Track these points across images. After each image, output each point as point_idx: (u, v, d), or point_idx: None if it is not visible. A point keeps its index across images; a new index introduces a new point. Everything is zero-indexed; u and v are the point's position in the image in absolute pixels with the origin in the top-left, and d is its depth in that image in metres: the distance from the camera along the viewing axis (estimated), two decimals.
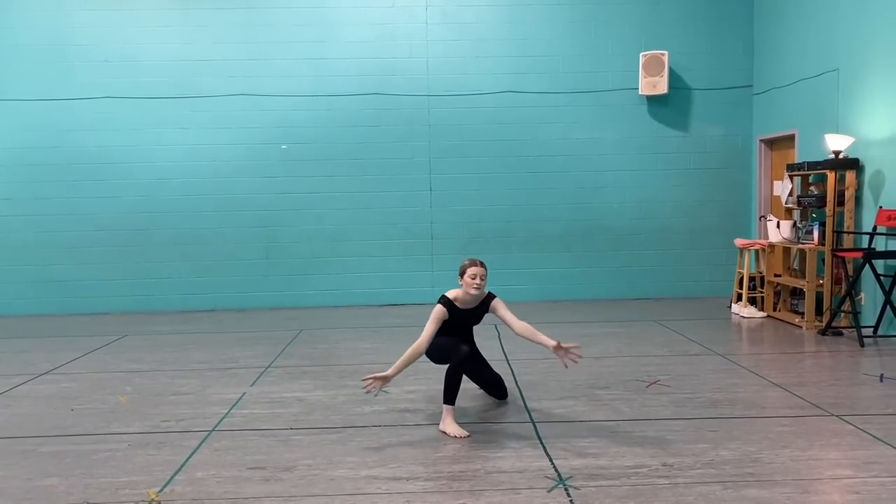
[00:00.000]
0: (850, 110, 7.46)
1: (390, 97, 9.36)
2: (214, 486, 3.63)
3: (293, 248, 9.43)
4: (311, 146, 9.35)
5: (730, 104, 9.51)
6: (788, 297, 8.19)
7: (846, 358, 6.19)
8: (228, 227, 9.36)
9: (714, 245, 9.50)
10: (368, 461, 3.93)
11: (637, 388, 5.33)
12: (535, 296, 9.57)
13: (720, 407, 4.81)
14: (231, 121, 9.28)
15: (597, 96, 9.49)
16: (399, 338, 7.32)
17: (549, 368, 5.93)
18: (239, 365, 6.28)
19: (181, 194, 9.32)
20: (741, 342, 7.13)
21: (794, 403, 4.87)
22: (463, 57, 9.41)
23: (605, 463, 3.85)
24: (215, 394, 5.36)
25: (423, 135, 9.46)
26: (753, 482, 3.56)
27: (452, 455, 4.01)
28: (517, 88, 9.48)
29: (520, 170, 9.57)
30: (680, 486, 3.52)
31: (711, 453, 3.96)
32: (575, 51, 9.43)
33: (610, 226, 9.60)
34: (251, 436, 4.40)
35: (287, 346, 7.01)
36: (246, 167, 9.33)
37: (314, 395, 5.29)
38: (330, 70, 9.30)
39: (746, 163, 9.56)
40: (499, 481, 3.63)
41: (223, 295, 9.40)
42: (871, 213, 7.13)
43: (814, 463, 3.81)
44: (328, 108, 9.31)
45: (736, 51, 9.48)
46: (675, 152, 9.49)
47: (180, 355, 6.74)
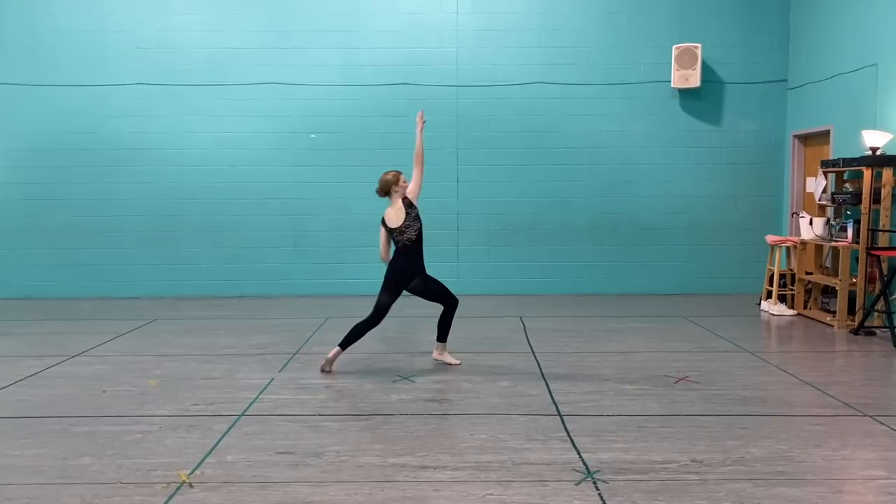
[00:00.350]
0: (889, 106, 7.30)
1: (419, 87, 9.34)
2: (244, 469, 3.67)
3: (321, 236, 9.47)
4: (339, 135, 9.37)
5: (763, 98, 9.36)
6: (820, 295, 8.07)
7: (879, 358, 6.09)
8: (257, 214, 9.43)
9: (745, 241, 9.38)
10: (396, 449, 3.94)
11: (665, 383, 5.29)
12: (563, 289, 9.52)
13: (750, 404, 4.76)
14: (261, 109, 9.33)
15: (628, 88, 9.40)
16: (424, 326, 7.34)
17: (576, 362, 5.91)
18: (267, 351, 6.34)
19: (211, 181, 9.40)
20: (771, 340, 7.04)
21: (826, 402, 4.80)
22: (492, 47, 9.37)
23: (634, 457, 3.83)
24: (244, 379, 5.41)
25: (451, 125, 9.44)
26: (784, 480, 3.52)
27: (480, 445, 4.01)
28: (547, 79, 9.42)
29: (548, 162, 9.51)
30: (710, 483, 3.49)
31: (742, 450, 3.92)
32: (606, 42, 9.34)
33: (639, 220, 9.52)
34: (280, 421, 4.44)
35: (314, 334, 7.06)
36: (275, 156, 9.38)
37: (341, 382, 5.32)
38: (360, 59, 9.30)
39: (779, 158, 9.42)
40: (526, 473, 3.63)
41: (251, 282, 9.48)
42: None
43: (847, 463, 3.76)
44: (357, 98, 9.33)
45: (771, 44, 9.32)
46: (706, 147, 9.38)
47: (209, 340, 6.82)
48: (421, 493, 3.39)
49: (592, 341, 6.74)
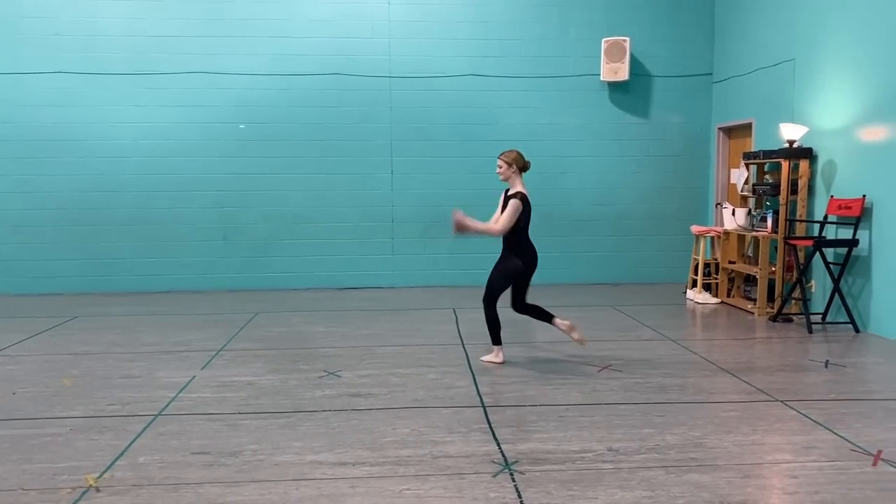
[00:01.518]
0: (805, 100, 7.56)
1: (351, 78, 9.24)
2: (156, 471, 3.58)
3: (251, 229, 9.30)
4: (269, 126, 9.20)
5: (690, 92, 9.58)
6: (742, 283, 8.33)
7: (794, 344, 6.32)
8: (185, 207, 9.20)
9: (671, 231, 9.60)
10: (315, 446, 3.90)
11: (589, 372, 5.37)
12: None
13: (668, 392, 4.88)
14: (188, 99, 9.09)
15: (559, 81, 9.49)
16: (356, 321, 7.31)
17: (505, 352, 5.94)
18: (191, 348, 6.19)
19: (137, 173, 9.12)
20: (694, 328, 7.23)
21: (741, 389, 4.95)
22: (426, 39, 9.33)
23: (552, 448, 3.87)
24: (164, 377, 5.28)
25: (385, 117, 9.38)
26: (696, 467, 3.61)
27: (401, 440, 4.00)
28: (480, 72, 9.44)
29: (483, 154, 9.49)
30: (624, 471, 3.56)
31: (657, 438, 4.01)
32: (537, 35, 9.41)
33: (570, 211, 9.64)
34: (198, 420, 4.34)
35: (241, 329, 6.93)
36: (203, 146, 9.16)
37: (265, 378, 5.23)
38: (290, 49, 9.15)
39: (705, 150, 9.66)
40: (445, 466, 3.64)
41: (180, 276, 9.26)
42: (823, 202, 7.25)
43: (756, 448, 3.88)
44: (288, 88, 9.17)
45: (697, 39, 9.54)
46: (635, 139, 9.55)
47: (131, 337, 6.63)
48: (337, 490, 3.36)
49: (522, 331, 6.79)
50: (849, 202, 6.74)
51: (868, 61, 6.62)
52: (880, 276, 6.51)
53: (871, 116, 6.60)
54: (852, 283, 6.88)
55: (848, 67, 6.90)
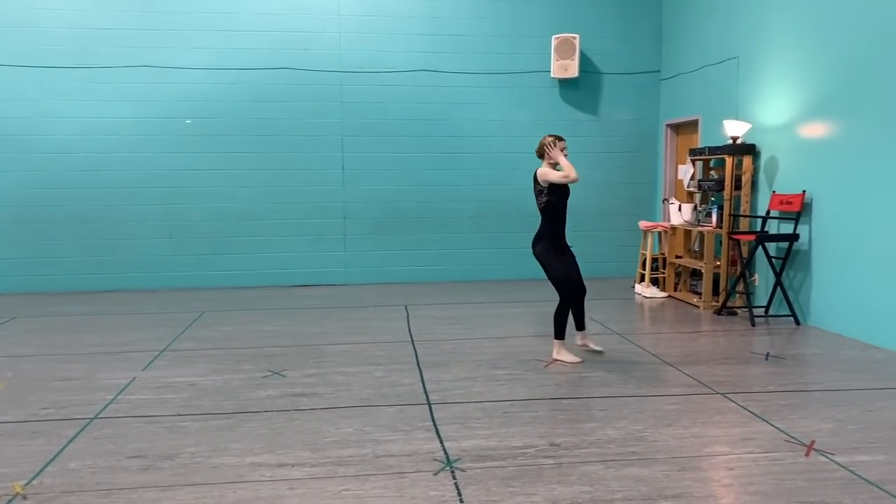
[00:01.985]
0: (749, 98, 7.70)
1: (301, 72, 9.13)
2: (88, 476, 3.48)
3: (199, 226, 9.13)
4: (217, 121, 9.04)
5: (638, 89, 9.69)
6: (689, 278, 8.46)
7: (737, 337, 6.44)
8: (130, 204, 8.98)
9: (621, 227, 9.71)
10: (255, 448, 3.84)
11: (536, 367, 5.40)
12: (449, 276, 9.59)
13: (613, 386, 4.92)
14: (132, 93, 8.87)
15: (510, 78, 9.51)
16: (305, 319, 7.23)
17: (453, 349, 5.95)
18: (133, 348, 6.05)
19: (80, 170, 8.87)
20: (641, 322, 7.32)
21: (683, 381, 5.03)
22: (377, 33, 9.26)
23: (495, 444, 3.88)
24: (104, 379, 5.14)
25: (336, 112, 9.28)
26: (635, 461, 3.65)
27: (343, 439, 3.96)
28: (432, 67, 9.40)
29: (434, 150, 9.52)
30: (564, 466, 3.58)
31: (599, 432, 4.04)
32: (489, 31, 9.41)
33: (522, 207, 9.59)
34: (136, 423, 4.24)
35: (187, 329, 6.80)
36: (148, 142, 8.95)
37: (208, 379, 5.14)
38: (237, 43, 8.99)
39: (653, 147, 9.79)
40: (386, 465, 3.61)
41: (125, 275, 9.04)
42: (765, 197, 7.40)
43: (694, 441, 3.94)
44: (235, 83, 9.02)
45: (645, 36, 9.65)
46: (585, 135, 9.62)
47: (72, 338, 6.45)
48: (275, 492, 3.31)
49: (472, 328, 6.80)
50: (790, 197, 6.89)
51: (809, 60, 6.78)
52: (820, 270, 6.67)
53: (812, 113, 6.75)
54: (793, 276, 7.04)
55: (790, 65, 7.05)
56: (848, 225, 6.28)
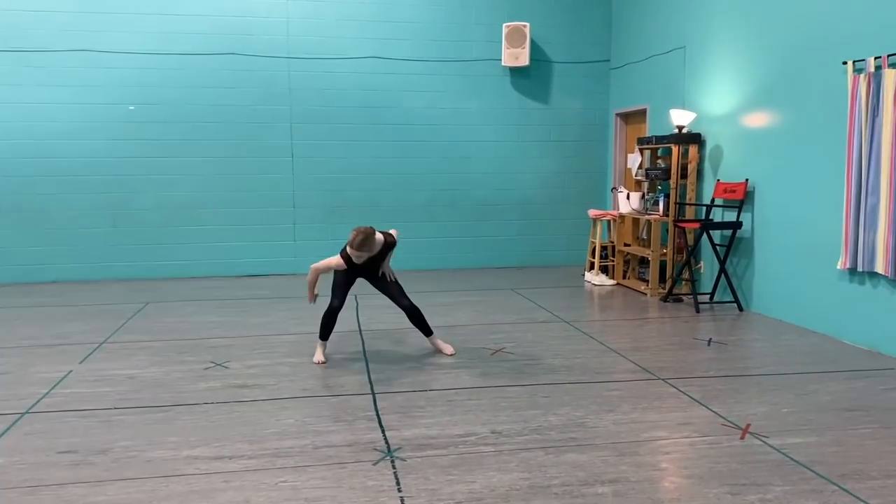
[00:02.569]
0: (695, 87, 7.81)
1: (247, 58, 8.95)
2: (14, 473, 3.37)
3: (143, 215, 8.91)
4: (161, 107, 8.81)
5: (588, 78, 9.74)
6: (637, 265, 8.57)
7: (682, 323, 6.54)
8: (70, 193, 8.71)
9: (572, 215, 9.78)
10: (192, 440, 3.76)
11: (482, 355, 5.40)
12: (401, 265, 9.42)
13: (557, 373, 4.96)
14: (69, 78, 8.58)
15: (461, 66, 9.47)
16: (252, 310, 7.12)
17: (400, 338, 5.93)
18: (71, 341, 5.88)
19: (15, 157, 8.57)
20: (589, 309, 7.39)
21: (627, 368, 5.09)
22: (325, 19, 9.12)
23: (436, 433, 3.86)
24: (37, 373, 4.99)
25: (284, 98, 9.13)
26: (574, 447, 3.67)
27: (283, 431, 3.91)
28: (382, 54, 9.31)
29: (385, 138, 9.44)
30: (504, 454, 3.58)
31: (540, 419, 4.06)
32: (440, 18, 9.35)
33: (474, 196, 9.68)
34: (69, 417, 4.12)
35: (129, 320, 6.64)
36: (88, 128, 8.69)
37: (147, 371, 5.02)
38: (180, 27, 8.76)
39: (603, 136, 9.87)
40: (326, 456, 3.57)
41: (65, 266, 8.78)
42: (710, 185, 7.52)
43: (634, 426, 3.98)
44: (179, 68, 8.80)
45: (595, 25, 9.70)
46: (536, 124, 9.65)
47: (6, 331, 6.24)
48: (209, 485, 3.25)
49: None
50: (733, 186, 7.01)
51: (752, 50, 6.88)
52: (762, 257, 6.81)
53: (755, 103, 6.87)
54: (737, 263, 7.17)
55: (734, 56, 7.16)
56: (788, 213, 6.42)
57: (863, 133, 5.41)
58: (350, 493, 3.17)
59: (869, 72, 5.35)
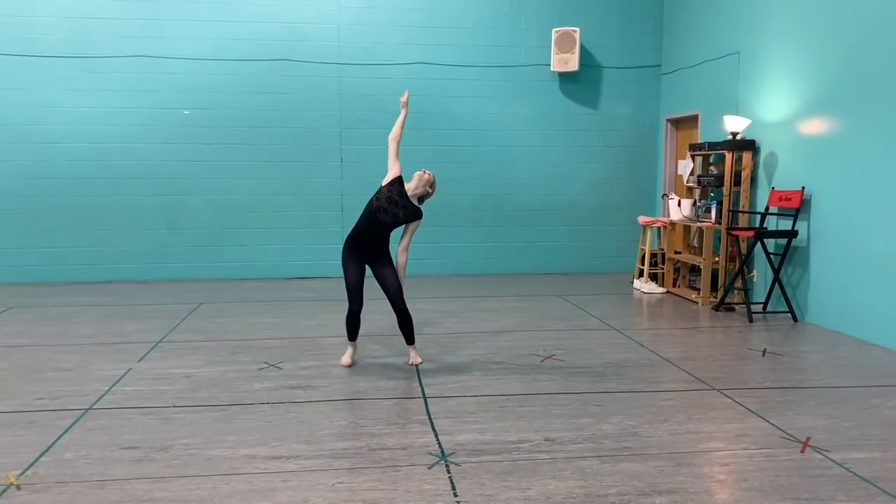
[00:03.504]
0: (749, 93, 7.68)
1: (299, 64, 9.09)
2: (82, 467, 3.47)
3: (196, 218, 9.10)
4: (215, 112, 9.00)
5: (639, 83, 9.66)
6: (687, 273, 8.45)
7: (735, 333, 6.43)
8: (126, 195, 8.95)
9: (620, 222, 9.69)
10: (250, 440, 3.83)
11: (532, 362, 5.39)
12: (446, 270, 9.57)
13: (608, 381, 4.91)
14: (128, 83, 8.83)
15: (509, 71, 9.47)
16: (302, 312, 7.21)
17: (449, 343, 5.94)
18: (129, 339, 6.03)
19: (75, 160, 8.84)
20: (639, 317, 7.30)
21: (680, 377, 5.02)
22: (375, 25, 9.21)
23: (490, 438, 3.87)
24: (98, 370, 5.13)
25: (334, 104, 9.25)
26: (630, 456, 3.64)
27: (338, 432, 3.95)
28: (431, 60, 9.36)
29: (432, 143, 9.48)
30: (559, 461, 3.57)
31: (594, 427, 4.03)
32: (487, 24, 9.37)
33: (520, 201, 9.66)
34: (130, 414, 4.22)
35: (183, 320, 6.78)
36: (145, 133, 8.91)
37: (203, 371, 5.12)
38: (235, 33, 8.94)
39: (653, 142, 9.76)
40: (381, 458, 3.60)
41: (121, 266, 9.02)
42: (764, 193, 7.39)
43: (689, 436, 3.93)
44: (233, 73, 8.97)
45: (646, 30, 9.61)
46: (584, 130, 9.60)
47: (67, 329, 6.43)
48: (269, 484, 3.30)
49: (468, 322, 6.78)
50: (789, 193, 6.88)
51: (810, 55, 6.75)
52: (818, 267, 6.66)
53: (812, 110, 6.73)
54: (791, 272, 7.03)
55: (790, 61, 7.02)
56: (846, 222, 6.26)
57: None
58: (406, 497, 3.19)
59: None
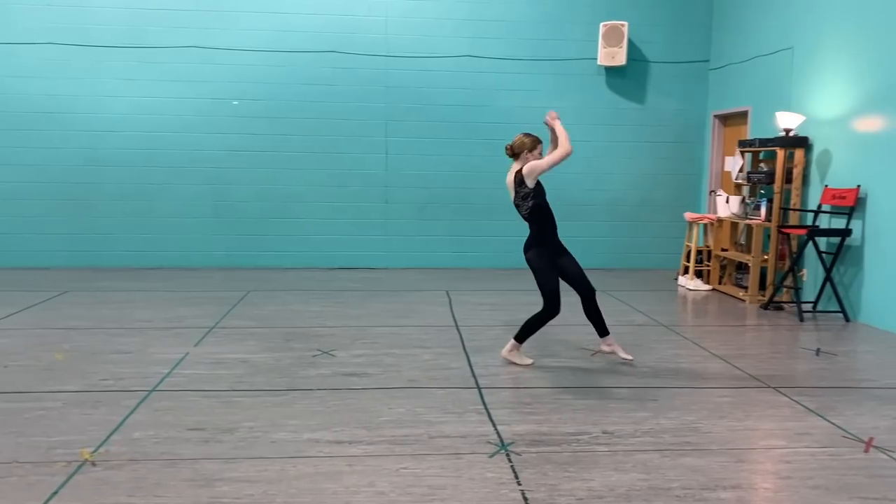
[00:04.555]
0: (802, 89, 7.56)
1: (348, 56, 9.16)
2: (151, 446, 3.56)
3: (244, 207, 9.24)
4: (264, 103, 9.12)
5: (686, 78, 9.56)
6: (734, 271, 8.36)
7: (785, 332, 6.36)
8: (177, 183, 9.12)
9: (664, 218, 9.62)
10: (311, 424, 3.90)
11: (582, 356, 5.40)
12: (490, 263, 9.59)
13: (662, 377, 4.90)
14: (181, 73, 8.98)
15: (556, 65, 9.44)
16: (350, 301, 7.29)
17: (498, 335, 5.96)
18: (183, 324, 6.16)
19: (128, 147, 9.03)
20: (686, 314, 7.26)
21: (734, 375, 4.99)
22: (422, 18, 9.24)
23: (548, 429, 3.89)
24: (157, 353, 5.25)
25: (381, 96, 9.31)
26: (691, 451, 3.63)
27: (397, 419, 4.00)
28: (476, 53, 9.37)
29: (478, 136, 9.50)
30: (619, 454, 3.58)
31: (651, 422, 4.03)
32: (534, 17, 9.34)
33: (564, 196, 9.53)
34: (192, 396, 4.32)
35: (234, 307, 6.90)
36: (196, 122, 9.07)
37: (259, 356, 5.22)
38: (285, 25, 9.04)
39: (700, 137, 9.66)
40: (441, 446, 3.64)
41: (171, 253, 9.19)
42: (817, 191, 7.28)
43: (749, 433, 3.91)
44: (283, 65, 9.08)
45: (694, 25, 9.50)
46: (630, 124, 9.53)
47: (123, 313, 6.58)
48: (334, 467, 3.36)
49: (515, 315, 6.76)
50: (843, 192, 6.77)
51: (866, 51, 6.63)
52: (872, 267, 6.55)
53: (868, 107, 6.61)
54: (844, 272, 6.92)
55: (846, 57, 6.90)
56: None
57: None
58: (471, 484, 3.22)
59: None
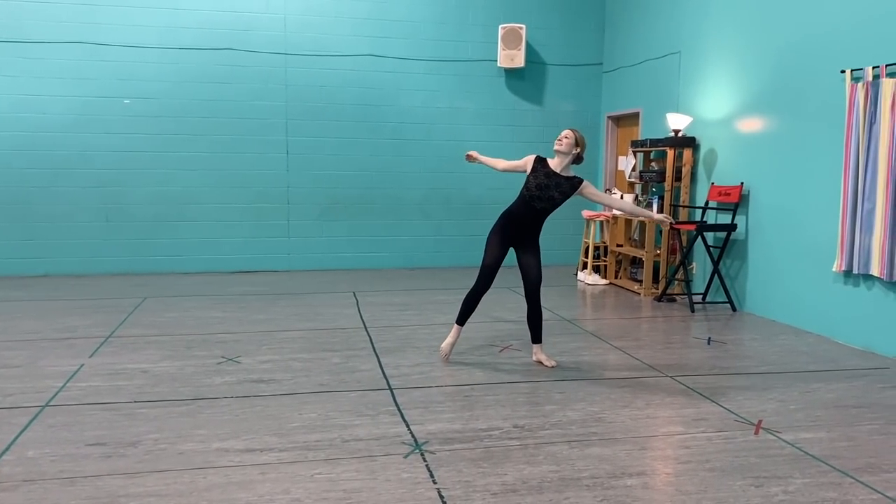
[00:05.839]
0: (690, 91, 7.98)
1: (244, 53, 8.94)
2: (48, 465, 3.38)
3: (137, 210, 8.85)
4: (156, 102, 8.77)
5: (581, 80, 9.89)
6: (629, 265, 8.73)
7: (678, 323, 6.70)
8: (63, 186, 8.63)
9: (564, 216, 9.81)
10: (220, 433, 3.79)
11: (490, 352, 5.50)
12: (395, 263, 9.60)
13: (567, 369, 5.07)
14: (67, 71, 8.51)
15: (457, 66, 9.55)
16: (253, 306, 7.12)
17: (407, 335, 5.99)
18: (76, 335, 5.85)
19: (8, 149, 8.47)
20: (585, 308, 7.52)
21: (633, 365, 5.21)
22: (322, 16, 9.14)
23: (460, 427, 3.94)
24: (49, 366, 4.97)
25: (280, 95, 9.14)
26: (597, 441, 3.78)
27: (308, 424, 3.96)
28: (378, 52, 9.36)
29: (380, 136, 9.49)
30: (530, 447, 3.67)
31: (559, 414, 4.16)
32: (436, 18, 9.42)
33: (468, 195, 9.76)
34: (90, 410, 4.12)
35: (130, 315, 6.61)
36: (82, 122, 8.61)
37: (160, 366, 5.02)
38: (178, 21, 8.72)
39: (595, 138, 10.01)
40: (355, 449, 3.63)
41: (58, 259, 8.70)
42: (704, 188, 7.70)
43: (650, 421, 4.10)
44: (176, 62, 8.76)
45: (588, 29, 9.84)
46: (530, 125, 9.77)
47: (8, 324, 6.19)
48: (246, 476, 3.29)
49: (423, 314, 6.85)
50: (728, 189, 7.19)
51: (748, 55, 7.06)
52: (756, 259, 7.00)
53: (750, 108, 7.05)
54: (730, 265, 7.36)
55: (729, 61, 7.33)
56: (783, 216, 6.60)
57: (860, 140, 5.60)
58: (387, 485, 3.23)
59: (867, 80, 5.54)
